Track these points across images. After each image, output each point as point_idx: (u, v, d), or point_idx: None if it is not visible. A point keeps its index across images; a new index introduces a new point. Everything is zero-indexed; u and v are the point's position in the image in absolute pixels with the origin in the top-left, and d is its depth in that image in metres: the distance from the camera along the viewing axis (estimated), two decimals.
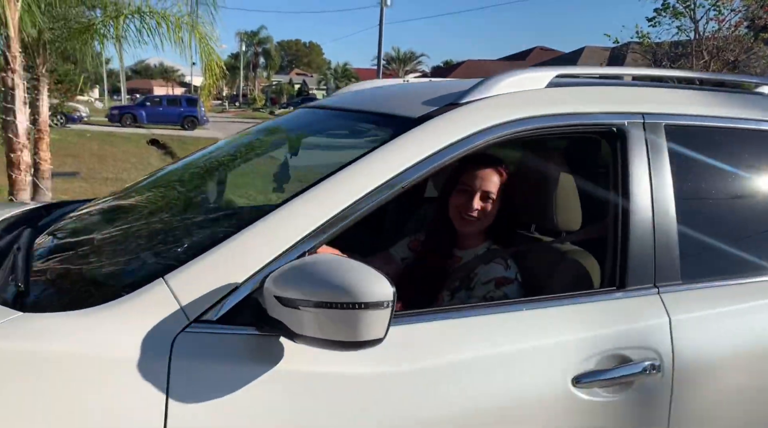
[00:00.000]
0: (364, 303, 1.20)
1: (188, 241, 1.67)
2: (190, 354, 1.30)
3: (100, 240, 1.86)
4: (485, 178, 1.96)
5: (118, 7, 7.95)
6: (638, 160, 1.75)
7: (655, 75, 2.11)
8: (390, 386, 1.41)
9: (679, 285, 1.79)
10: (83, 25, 7.93)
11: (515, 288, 1.88)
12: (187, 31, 7.92)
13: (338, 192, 1.46)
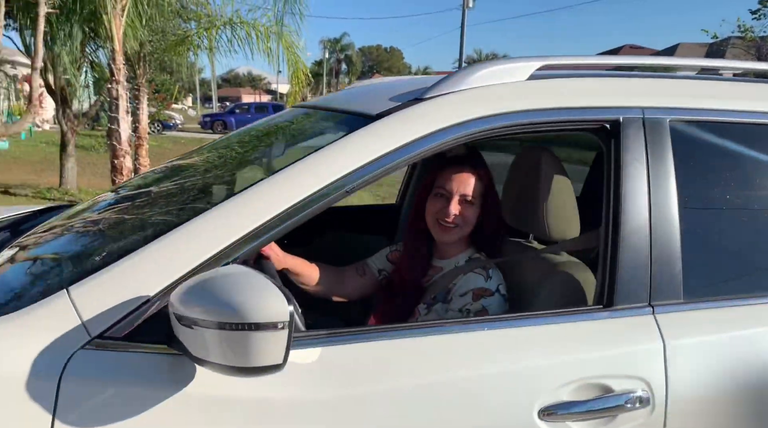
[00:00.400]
0: (254, 323, 1.06)
1: (110, 248, 1.46)
2: (87, 374, 1.16)
3: (33, 244, 1.77)
4: (462, 180, 1.77)
5: (211, 19, 8.33)
6: (634, 160, 1.52)
7: (667, 64, 1.83)
8: (314, 416, 1.24)
9: (680, 305, 1.53)
10: (179, 37, 8.39)
11: (496, 302, 1.68)
12: (275, 40, 8.17)
13: (271, 197, 1.31)
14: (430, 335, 1.39)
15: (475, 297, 1.68)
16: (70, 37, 7.88)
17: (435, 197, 1.81)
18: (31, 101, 7.71)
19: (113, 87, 8.25)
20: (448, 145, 1.47)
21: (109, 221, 1.72)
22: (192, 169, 1.88)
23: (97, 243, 1.59)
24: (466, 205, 1.77)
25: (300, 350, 1.27)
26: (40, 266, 1.54)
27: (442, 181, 1.80)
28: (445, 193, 1.78)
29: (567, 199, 1.70)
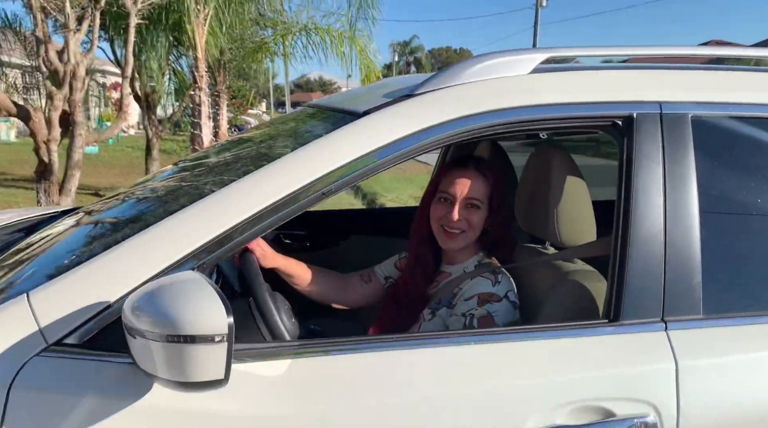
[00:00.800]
0: (190, 336, 1.00)
1: (79, 253, 1.40)
2: (40, 382, 1.11)
3: (22, 247, 1.71)
4: (467, 183, 1.65)
5: (287, 26, 8.51)
6: (648, 160, 1.37)
7: (688, 54, 1.62)
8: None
9: (698, 321, 1.36)
10: (257, 44, 8.61)
11: (503, 309, 1.55)
12: (348, 44, 8.24)
13: (238, 201, 1.24)
14: (410, 348, 1.29)
15: (481, 301, 1.56)
16: (156, 47, 8.28)
17: (438, 202, 1.71)
18: (121, 108, 8.16)
19: (196, 93, 8.60)
20: (439, 144, 1.38)
21: (86, 226, 1.71)
22: (174, 175, 1.86)
23: (69, 248, 1.53)
24: (472, 210, 1.66)
25: (266, 362, 1.21)
26: (15, 271, 1.49)
27: (446, 185, 1.69)
28: (449, 197, 1.67)
29: (581, 202, 1.56)
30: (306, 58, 8.47)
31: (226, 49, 8.60)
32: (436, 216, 1.70)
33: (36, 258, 1.54)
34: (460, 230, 1.65)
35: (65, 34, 7.36)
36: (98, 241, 1.46)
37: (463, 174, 1.67)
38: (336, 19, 8.26)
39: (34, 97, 11.00)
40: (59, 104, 7.53)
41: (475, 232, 1.68)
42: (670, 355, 1.32)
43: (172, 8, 8.06)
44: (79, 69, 7.45)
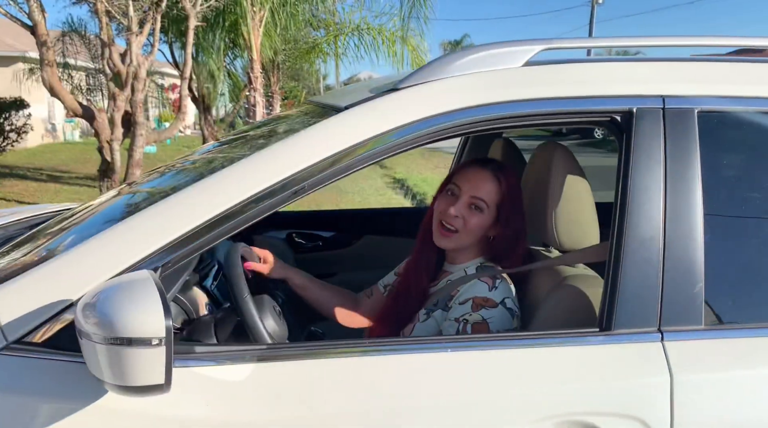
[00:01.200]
0: (126, 338, 0.97)
1: (45, 250, 1.38)
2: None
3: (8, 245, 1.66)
4: (477, 181, 1.54)
5: (340, 26, 8.55)
6: (647, 158, 1.26)
7: (695, 44, 1.48)
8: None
9: (698, 332, 1.25)
10: (309, 44, 8.70)
11: (498, 315, 1.45)
12: (400, 44, 8.21)
13: (206, 198, 1.20)
14: (382, 355, 1.24)
15: (475, 306, 1.47)
16: (213, 48, 8.48)
17: (444, 194, 1.60)
18: (180, 109, 8.41)
19: (251, 94, 8.77)
20: (423, 141, 1.32)
21: (57, 225, 1.71)
22: (155, 175, 1.85)
23: (37, 247, 1.50)
24: (474, 211, 1.54)
25: (228, 366, 1.18)
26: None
27: (457, 178, 1.59)
28: (455, 190, 1.57)
29: (582, 203, 1.47)
30: (357, 58, 8.49)
31: (280, 50, 8.72)
32: (438, 209, 1.60)
33: (5, 255, 1.54)
34: (454, 228, 1.54)
35: (128, 36, 7.64)
36: (64, 240, 1.46)
37: (477, 172, 1.57)
38: (388, 18, 8.25)
39: (97, 99, 11.49)
40: (122, 105, 7.84)
41: (470, 237, 1.56)
42: (665, 368, 1.22)
43: (228, 10, 8.24)
44: (141, 71, 7.73)
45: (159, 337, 0.98)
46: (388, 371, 1.21)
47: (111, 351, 0.98)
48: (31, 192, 9.02)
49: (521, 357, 1.25)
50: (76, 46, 9.11)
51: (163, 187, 1.55)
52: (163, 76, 17.58)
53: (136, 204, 1.53)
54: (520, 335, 1.31)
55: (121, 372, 0.99)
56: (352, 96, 1.46)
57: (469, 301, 1.48)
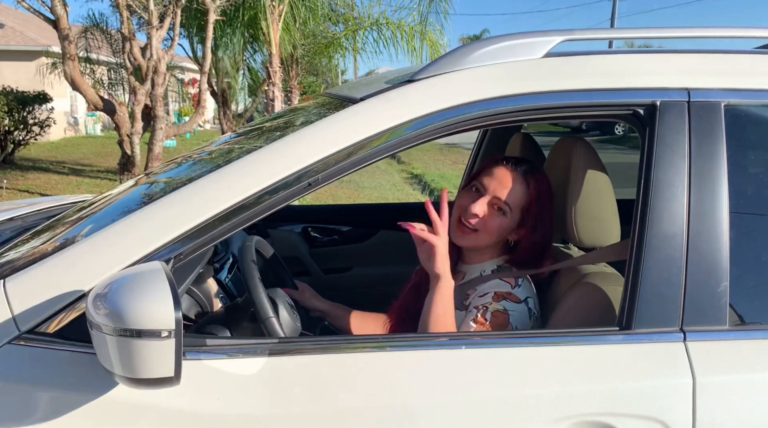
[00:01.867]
0: (135, 330, 0.95)
1: (60, 240, 1.37)
2: (9, 371, 1.09)
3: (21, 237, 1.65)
4: (503, 181, 1.47)
5: (359, 20, 8.53)
6: (671, 153, 1.22)
7: (721, 36, 1.42)
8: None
9: (722, 332, 1.19)
10: (328, 39, 8.68)
11: (520, 311, 1.41)
12: (419, 39, 8.16)
13: (221, 189, 1.19)
14: (396, 350, 1.21)
15: (497, 297, 1.43)
16: (232, 43, 8.50)
17: (468, 190, 1.54)
18: (199, 103, 8.45)
19: (270, 89, 8.78)
20: (440, 133, 1.29)
21: (73, 216, 1.70)
22: (172, 166, 1.83)
23: (51, 237, 1.49)
24: (495, 212, 1.47)
25: (240, 359, 1.16)
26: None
27: (483, 175, 1.52)
28: (480, 187, 1.50)
29: (603, 199, 1.43)
30: (377, 53, 8.45)
31: (299, 45, 8.72)
32: (459, 204, 1.53)
33: (22, 245, 1.54)
34: (472, 227, 1.48)
35: (148, 31, 7.70)
36: (79, 231, 1.45)
37: (506, 172, 1.49)
38: (407, 13, 8.20)
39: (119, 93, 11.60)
40: (142, 99, 7.91)
41: (489, 238, 1.49)
42: (687, 369, 1.18)
43: (248, 5, 8.26)
44: (161, 65, 7.79)
45: (169, 329, 0.96)
46: (402, 367, 1.19)
47: (121, 343, 0.97)
48: (53, 184, 9.12)
49: (539, 355, 1.22)
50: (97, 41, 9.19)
51: (177, 178, 1.54)
52: (183, 70, 17.68)
53: (151, 195, 1.52)
54: (537, 333, 1.28)
55: (130, 364, 0.98)
56: (367, 88, 1.44)
57: (490, 293, 1.44)
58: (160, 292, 0.98)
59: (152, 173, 1.91)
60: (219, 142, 1.95)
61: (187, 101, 16.76)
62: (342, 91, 1.63)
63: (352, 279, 2.59)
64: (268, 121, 2.00)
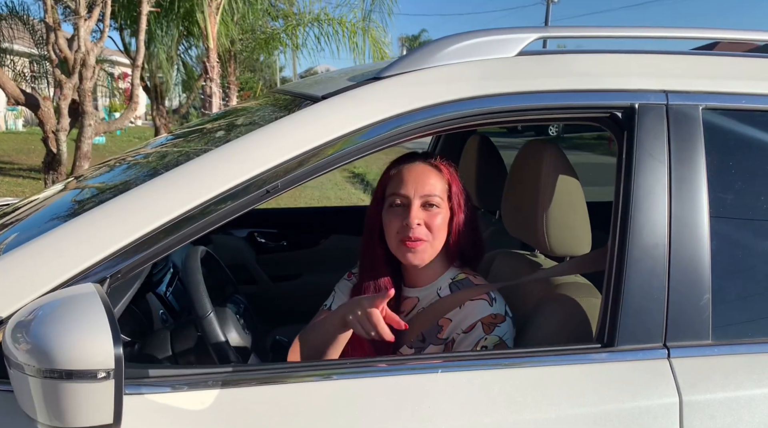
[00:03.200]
0: (65, 371, 0.80)
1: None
2: None
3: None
4: (418, 178, 1.36)
5: (299, 16, 8.34)
6: (650, 158, 1.16)
7: (704, 37, 1.38)
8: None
9: (707, 348, 1.14)
10: (268, 35, 8.46)
11: (508, 327, 1.32)
12: (361, 36, 8.05)
13: (169, 196, 1.05)
14: (366, 377, 1.09)
15: (487, 328, 1.31)
16: (167, 36, 8.16)
17: (391, 209, 1.38)
18: (131, 99, 8.06)
19: (207, 84, 8.48)
20: (405, 136, 1.19)
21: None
22: (106, 168, 1.66)
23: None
24: (431, 211, 1.36)
25: (188, 392, 1.02)
26: None
27: (395, 186, 1.38)
28: (399, 199, 1.37)
29: (574, 206, 1.36)
30: (318, 50, 8.31)
31: (237, 40, 8.46)
32: (393, 229, 1.37)
33: None
34: (421, 239, 1.34)
35: (75, 21, 7.27)
36: None
37: (412, 169, 1.38)
38: (349, 9, 8.08)
39: (42, 87, 10.98)
40: (68, 93, 7.45)
41: (440, 240, 1.38)
42: (672, 388, 1.12)
43: None
44: (90, 57, 7.37)
45: (107, 369, 0.81)
46: (373, 395, 1.08)
47: (46, 386, 0.82)
48: None
49: (515, 377, 1.13)
50: (16, 31, 8.64)
51: (113, 183, 1.38)
52: (113, 64, 16.92)
53: (83, 202, 1.35)
54: (511, 353, 1.19)
55: (58, 411, 0.83)
56: (329, 85, 1.33)
57: (478, 325, 1.32)
58: (96, 323, 0.83)
59: (84, 177, 1.72)
60: (157, 143, 1.79)
61: (118, 96, 16.06)
62: (299, 88, 1.50)
63: (301, 286, 2.45)
64: (211, 121, 1.85)
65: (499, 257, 1.66)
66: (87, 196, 1.41)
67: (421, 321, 1.39)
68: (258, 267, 2.41)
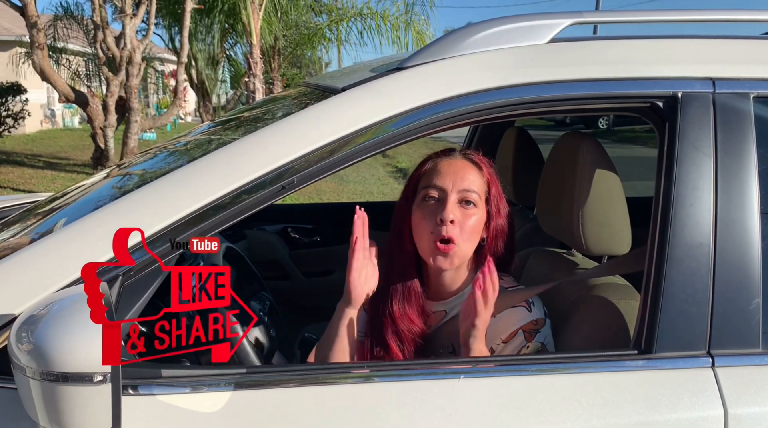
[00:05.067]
0: (60, 373, 0.79)
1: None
2: None
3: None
4: (457, 172, 1.24)
5: (342, 11, 8.33)
6: (695, 151, 1.08)
7: (746, 19, 1.26)
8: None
9: (755, 356, 1.05)
10: (311, 30, 8.48)
11: (549, 329, 1.24)
12: (404, 29, 7.99)
13: (178, 195, 1.03)
14: (386, 381, 1.04)
15: (529, 336, 1.22)
16: (211, 33, 8.26)
17: (424, 204, 1.25)
18: (176, 95, 8.22)
19: (251, 80, 8.57)
20: (432, 128, 1.13)
21: (20, 218, 1.52)
22: (140, 159, 1.65)
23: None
24: (468, 209, 1.23)
25: (200, 394, 0.99)
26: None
27: (430, 178, 1.26)
28: (434, 193, 1.24)
29: (613, 202, 1.28)
30: (361, 44, 8.28)
31: (281, 36, 8.50)
32: (425, 227, 1.24)
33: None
34: (452, 238, 1.21)
35: (122, 19, 7.43)
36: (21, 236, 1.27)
37: (450, 163, 1.27)
38: (392, 3, 8.02)
39: (95, 84, 11.29)
40: (115, 90, 7.65)
41: (471, 243, 1.24)
42: (717, 399, 1.04)
43: None
44: (136, 55, 7.54)
45: (102, 373, 0.79)
46: (392, 400, 1.03)
47: (45, 389, 0.80)
48: (27, 178, 8.83)
49: (545, 385, 1.06)
50: (71, 30, 8.90)
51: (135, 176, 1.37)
52: (162, 61, 17.31)
53: (104, 196, 1.34)
54: (545, 359, 1.12)
55: (57, 415, 0.81)
56: (350, 77, 1.28)
57: (519, 333, 1.23)
58: (93, 323, 0.81)
59: (116, 168, 1.73)
60: (194, 133, 1.77)
61: (168, 93, 16.38)
62: (322, 81, 1.46)
63: (335, 283, 2.41)
64: (244, 112, 1.83)
65: (534, 255, 1.59)
66: (101, 194, 1.40)
67: (450, 331, 1.29)
68: (291, 263, 2.39)
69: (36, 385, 0.80)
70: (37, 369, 0.79)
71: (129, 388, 0.95)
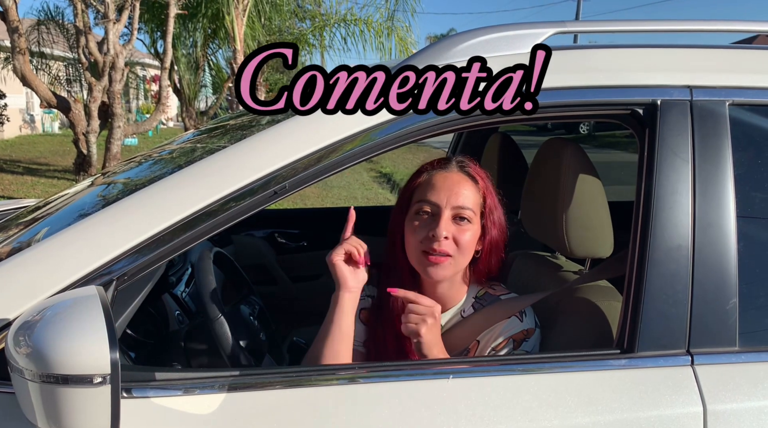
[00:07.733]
0: (60, 375, 0.80)
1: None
2: None
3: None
4: (452, 187, 1.25)
5: (326, 17, 8.37)
6: (674, 156, 1.11)
7: (730, 30, 1.32)
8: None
9: (733, 354, 1.09)
10: (294, 36, 8.50)
11: (537, 339, 1.27)
12: (387, 35, 8.04)
13: (168, 201, 1.03)
14: (374, 382, 1.06)
15: (517, 344, 1.25)
16: (195, 38, 8.25)
17: (417, 217, 1.26)
18: (160, 100, 8.18)
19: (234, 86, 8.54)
20: (420, 135, 1.16)
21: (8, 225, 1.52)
22: (125, 167, 1.66)
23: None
24: (462, 225, 1.24)
25: (194, 396, 1.01)
26: None
27: (424, 192, 1.27)
28: (428, 207, 1.26)
29: (596, 206, 1.32)
30: (345, 50, 8.31)
31: (264, 41, 8.51)
32: (416, 238, 1.25)
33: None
34: (445, 253, 1.22)
35: (105, 24, 7.40)
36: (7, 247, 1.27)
37: (446, 177, 1.28)
38: (374, 9, 8.07)
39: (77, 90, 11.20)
40: (98, 95, 7.60)
41: (465, 258, 1.26)
42: (696, 396, 1.07)
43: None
44: (119, 60, 7.50)
45: (102, 374, 0.80)
46: (382, 401, 1.05)
47: (44, 391, 0.81)
48: (6, 185, 8.73)
49: (530, 384, 1.09)
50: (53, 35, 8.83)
51: (121, 186, 1.37)
52: (144, 66, 17.19)
53: (97, 203, 1.35)
54: (527, 359, 1.15)
55: (56, 416, 0.82)
56: None
57: (510, 342, 1.26)
58: (93, 327, 0.82)
59: (100, 177, 1.73)
60: (179, 142, 1.79)
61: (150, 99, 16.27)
62: None
63: (321, 287, 2.44)
64: (231, 119, 1.84)
65: (519, 258, 1.62)
66: (101, 196, 1.41)
67: (448, 344, 1.27)
68: (278, 268, 2.40)
69: (35, 387, 0.81)
70: (37, 371, 0.80)
71: (124, 391, 0.96)
